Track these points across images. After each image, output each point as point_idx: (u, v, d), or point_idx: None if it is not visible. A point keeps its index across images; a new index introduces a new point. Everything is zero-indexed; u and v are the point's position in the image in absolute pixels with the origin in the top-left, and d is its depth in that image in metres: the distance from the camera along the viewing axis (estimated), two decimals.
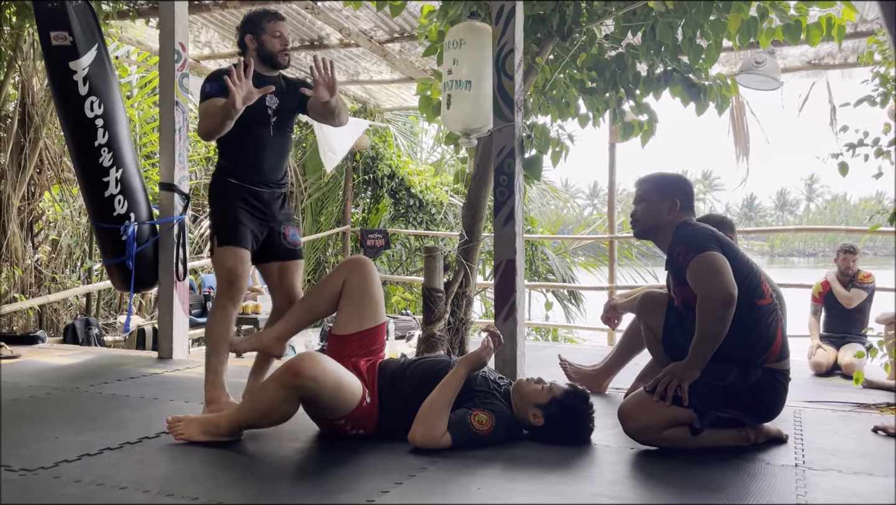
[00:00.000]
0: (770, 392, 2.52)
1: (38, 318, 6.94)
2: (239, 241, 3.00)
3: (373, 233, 8.85)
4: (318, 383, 2.36)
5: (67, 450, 2.39)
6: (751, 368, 2.46)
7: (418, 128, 11.76)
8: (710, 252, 2.44)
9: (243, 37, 3.12)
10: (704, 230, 2.56)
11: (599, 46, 4.42)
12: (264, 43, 3.07)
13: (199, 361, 4.33)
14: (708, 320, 2.38)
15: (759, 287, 2.52)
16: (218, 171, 3.12)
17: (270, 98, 3.04)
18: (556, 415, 2.53)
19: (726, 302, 2.35)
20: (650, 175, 2.79)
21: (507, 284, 3.74)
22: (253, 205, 3.05)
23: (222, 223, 3.04)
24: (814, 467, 2.36)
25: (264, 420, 2.50)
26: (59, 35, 4.16)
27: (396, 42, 6.62)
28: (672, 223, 2.63)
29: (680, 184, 2.73)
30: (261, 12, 3.18)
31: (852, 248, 5.67)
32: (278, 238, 3.13)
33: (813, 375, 5.37)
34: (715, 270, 2.40)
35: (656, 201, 2.67)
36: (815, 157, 4.40)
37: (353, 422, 2.55)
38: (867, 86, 4.18)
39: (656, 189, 2.69)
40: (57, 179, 7.15)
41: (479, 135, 4.15)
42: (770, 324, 2.50)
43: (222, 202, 3.06)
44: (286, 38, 3.11)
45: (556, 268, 9.82)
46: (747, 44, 4.11)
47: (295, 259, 3.19)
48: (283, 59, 3.09)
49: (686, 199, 2.68)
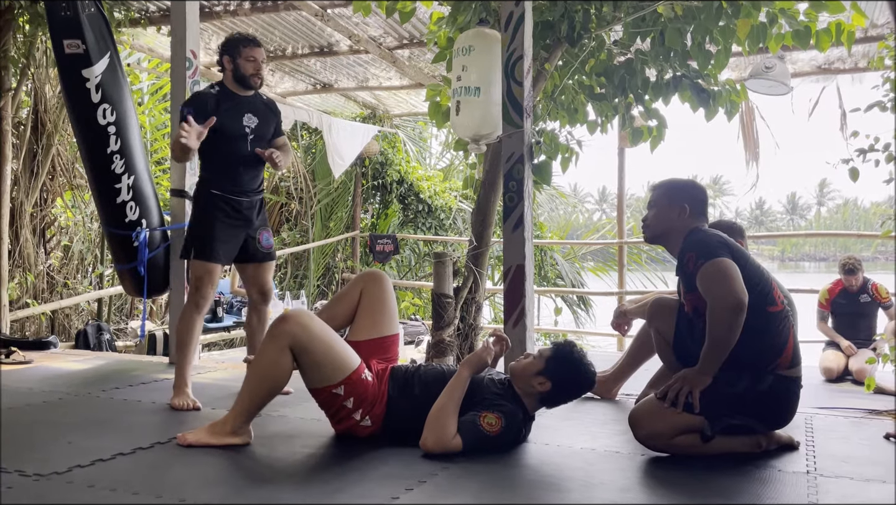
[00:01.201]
0: (782, 399, 2.50)
1: (51, 323, 6.99)
2: (211, 256, 3.38)
3: (382, 238, 8.88)
4: (308, 331, 2.48)
5: (80, 455, 2.40)
6: (762, 375, 2.45)
7: (427, 133, 11.80)
8: (720, 259, 2.43)
9: (222, 57, 3.44)
10: (715, 237, 2.55)
11: (608, 52, 4.42)
12: (239, 66, 3.40)
13: (210, 367, 4.36)
14: (718, 327, 2.38)
15: (770, 294, 2.51)
16: (201, 182, 3.49)
17: (248, 118, 3.43)
18: (557, 371, 2.57)
19: (737, 309, 2.34)
20: (663, 181, 2.79)
21: (516, 289, 3.74)
22: (233, 214, 3.43)
23: (200, 236, 3.41)
24: (825, 474, 2.35)
25: (264, 383, 2.54)
26: (72, 43, 4.21)
27: (405, 48, 6.65)
28: (683, 229, 2.63)
29: (691, 190, 2.72)
30: (239, 37, 3.48)
31: (853, 269, 5.52)
32: (254, 243, 3.54)
33: (824, 381, 5.34)
34: (725, 276, 2.39)
35: (667, 207, 2.67)
36: (826, 162, 4.38)
37: (358, 400, 2.55)
38: (878, 91, 4.16)
39: (667, 194, 2.69)
40: (69, 186, 7.21)
41: (488, 141, 4.16)
42: (781, 331, 2.49)
43: (203, 214, 3.43)
44: (259, 63, 3.43)
45: (566, 273, 9.81)
46: (756, 49, 4.10)
47: (268, 261, 3.63)
48: (255, 81, 3.44)
49: (697, 205, 2.67)
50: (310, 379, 2.57)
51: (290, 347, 2.48)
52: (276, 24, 6.38)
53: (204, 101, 3.33)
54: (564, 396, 2.64)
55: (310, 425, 2.88)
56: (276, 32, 6.56)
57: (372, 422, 2.59)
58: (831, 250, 54.98)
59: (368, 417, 2.59)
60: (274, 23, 6.37)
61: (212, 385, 3.76)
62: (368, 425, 2.60)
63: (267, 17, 6.18)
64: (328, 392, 2.55)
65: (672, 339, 2.88)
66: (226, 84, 3.43)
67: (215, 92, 3.39)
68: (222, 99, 3.37)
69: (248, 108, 3.44)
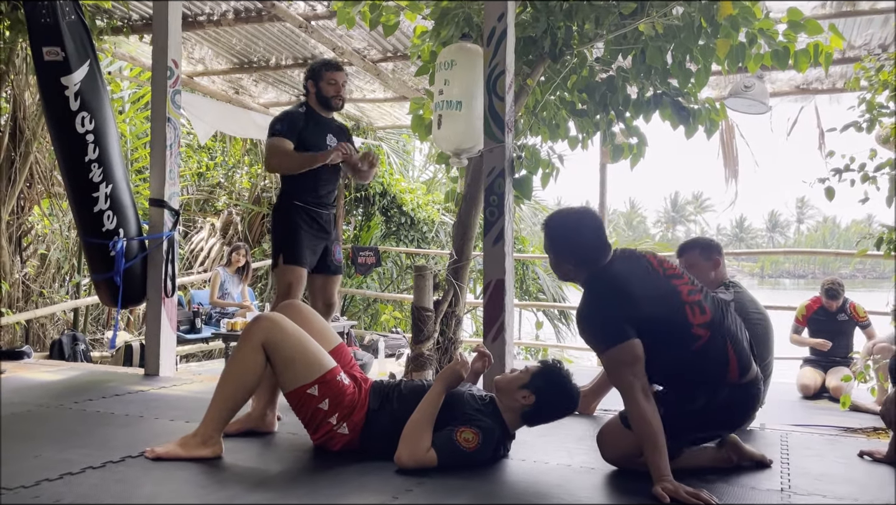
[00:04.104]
0: (741, 405, 2.47)
1: (25, 332, 6.89)
2: (298, 259, 3.61)
3: (364, 250, 8.85)
4: (280, 328, 2.53)
5: (49, 468, 2.36)
6: (718, 388, 2.39)
7: (410, 146, 11.81)
8: (618, 346, 2.28)
9: (307, 81, 3.79)
10: (603, 310, 2.35)
11: (590, 69, 4.46)
12: (321, 89, 3.75)
13: (186, 379, 4.31)
14: (640, 424, 2.24)
15: (688, 331, 2.35)
16: (284, 194, 3.72)
17: (330, 137, 3.75)
18: (543, 387, 2.55)
19: (644, 392, 2.25)
20: (548, 224, 2.58)
21: (496, 303, 3.74)
22: (314, 224, 3.70)
23: (286, 242, 3.62)
24: (799, 492, 2.36)
25: (236, 383, 2.53)
26: (52, 50, 4.17)
27: (389, 61, 6.66)
28: (578, 277, 2.51)
29: (571, 237, 2.49)
30: (322, 62, 3.83)
31: (835, 294, 5.51)
32: (329, 255, 3.78)
33: (801, 398, 5.37)
34: (623, 364, 2.28)
35: (554, 261, 2.55)
36: (803, 181, 4.43)
37: (334, 403, 2.53)
38: (854, 111, 4.23)
39: (552, 248, 2.55)
40: (47, 194, 7.13)
41: (469, 155, 4.17)
42: (716, 357, 2.38)
43: (287, 223, 3.65)
44: (340, 86, 3.77)
45: (547, 287, 9.84)
46: (736, 68, 4.15)
47: (338, 274, 3.88)
48: (337, 103, 3.78)
49: (582, 254, 2.47)
50: (284, 380, 2.56)
51: (262, 344, 2.51)
52: (260, 34, 6.37)
53: (295, 119, 3.69)
54: (546, 413, 2.63)
55: (285, 439, 2.85)
56: (259, 43, 6.55)
57: (349, 430, 2.56)
58: (810, 268, 55.65)
59: (345, 424, 2.56)
60: (258, 33, 6.36)
61: (188, 397, 3.72)
62: (345, 433, 2.56)
63: (251, 27, 6.17)
64: (303, 393, 2.53)
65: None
66: (310, 105, 3.78)
67: (303, 111, 3.74)
68: (309, 118, 3.72)
69: (330, 128, 3.80)
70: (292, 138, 3.61)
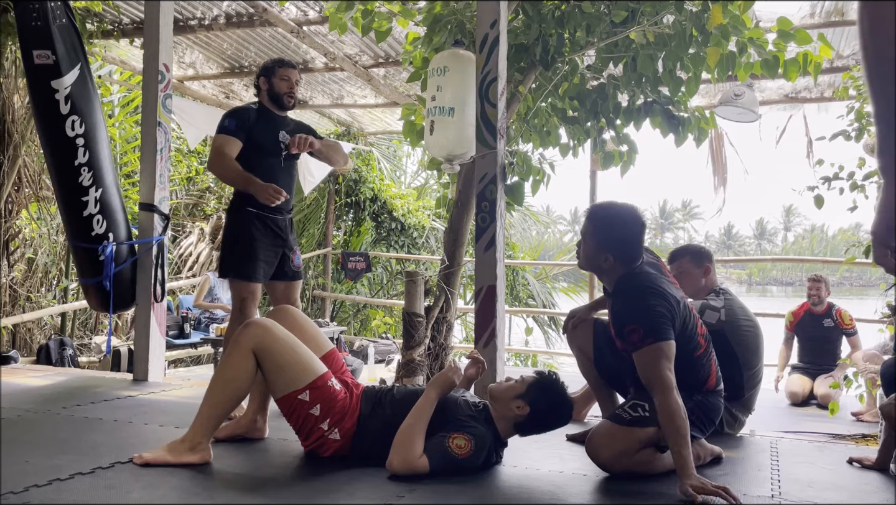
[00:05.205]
0: (714, 409, 2.64)
1: (12, 337, 6.82)
2: (251, 276, 3.39)
3: (354, 256, 8.85)
4: (271, 334, 2.50)
5: (37, 474, 2.34)
6: (692, 394, 2.53)
7: (402, 152, 11.82)
8: (664, 342, 2.35)
9: (258, 79, 3.57)
10: (655, 307, 2.40)
11: (581, 76, 4.48)
12: (273, 85, 3.53)
13: (175, 384, 4.28)
14: (669, 416, 2.29)
15: (695, 338, 2.55)
16: (237, 198, 3.47)
17: (283, 135, 3.52)
18: (537, 399, 2.55)
19: (675, 390, 2.32)
20: (596, 211, 2.60)
21: (487, 310, 3.74)
22: (269, 232, 3.45)
23: (240, 255, 3.40)
24: (789, 499, 2.36)
25: (226, 389, 2.51)
26: (42, 54, 4.15)
27: (381, 67, 6.67)
28: (611, 273, 2.55)
29: (619, 233, 2.52)
30: (276, 59, 3.63)
31: (817, 278, 5.70)
32: (287, 262, 3.56)
33: (789, 405, 5.40)
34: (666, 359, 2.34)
35: (593, 250, 2.54)
36: (792, 189, 4.47)
37: (325, 409, 2.51)
38: (843, 121, 4.27)
39: (594, 237, 2.55)
40: (35, 197, 7.08)
41: (461, 161, 4.18)
42: (704, 365, 2.59)
43: (242, 233, 3.41)
44: (293, 83, 3.55)
45: (537, 293, 9.85)
46: (726, 77, 4.18)
47: (297, 279, 3.64)
48: (288, 101, 3.55)
49: (624, 251, 2.50)
50: (275, 386, 2.54)
51: (253, 350, 2.48)
52: (252, 39, 6.37)
53: (245, 114, 3.48)
54: (539, 425, 2.62)
55: (275, 445, 2.84)
56: (251, 48, 6.54)
57: (341, 436, 2.55)
58: (798, 275, 55.91)
59: (337, 429, 2.55)
60: (249, 38, 6.35)
61: (177, 403, 3.69)
62: (337, 439, 2.55)
63: (242, 32, 6.16)
64: (294, 399, 2.51)
65: (593, 355, 2.99)
66: (263, 102, 3.58)
67: (255, 108, 3.55)
68: (260, 114, 3.52)
69: (283, 126, 3.57)
70: (240, 135, 3.38)
